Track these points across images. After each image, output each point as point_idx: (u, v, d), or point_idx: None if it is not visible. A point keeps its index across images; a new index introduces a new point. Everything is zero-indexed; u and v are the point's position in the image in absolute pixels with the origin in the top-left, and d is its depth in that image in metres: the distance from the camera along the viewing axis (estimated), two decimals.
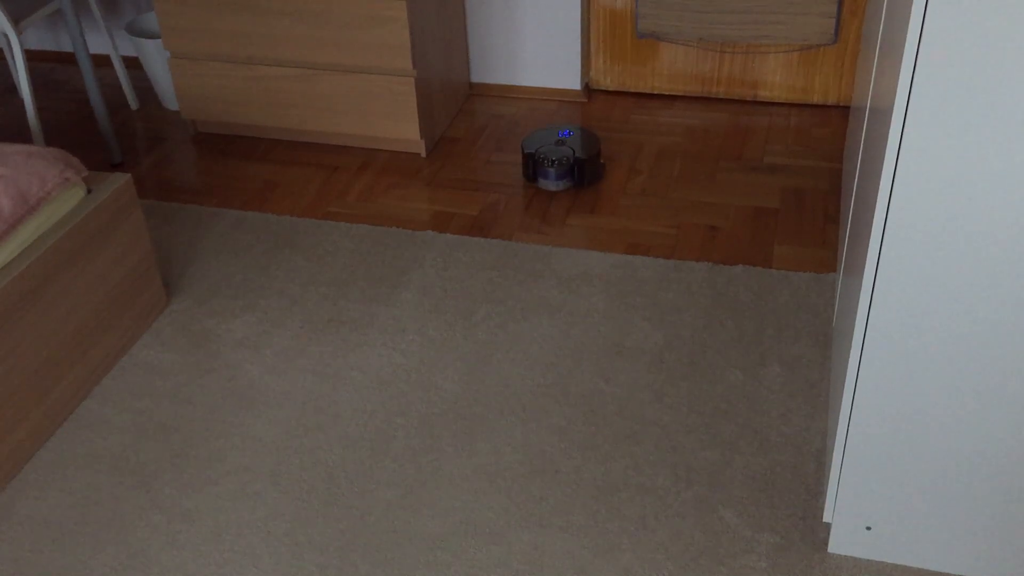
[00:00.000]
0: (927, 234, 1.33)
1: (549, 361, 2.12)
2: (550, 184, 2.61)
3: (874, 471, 1.57)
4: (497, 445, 1.93)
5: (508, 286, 2.35)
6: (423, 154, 2.92)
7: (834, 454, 1.59)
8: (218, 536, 1.77)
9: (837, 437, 1.57)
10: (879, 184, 1.34)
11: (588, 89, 3.21)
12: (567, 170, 2.59)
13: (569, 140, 2.66)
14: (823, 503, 1.76)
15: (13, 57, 3.22)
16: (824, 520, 1.67)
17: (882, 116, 1.46)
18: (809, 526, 1.73)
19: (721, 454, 1.88)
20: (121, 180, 2.12)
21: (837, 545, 1.67)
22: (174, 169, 2.93)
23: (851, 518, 1.63)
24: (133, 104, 3.28)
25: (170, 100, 3.25)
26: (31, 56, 3.68)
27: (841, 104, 3.05)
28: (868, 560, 1.67)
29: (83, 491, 1.88)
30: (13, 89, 3.45)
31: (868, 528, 1.63)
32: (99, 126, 2.92)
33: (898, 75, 1.26)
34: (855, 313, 1.47)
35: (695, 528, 1.74)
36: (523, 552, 1.72)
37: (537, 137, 2.70)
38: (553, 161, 2.58)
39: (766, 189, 2.68)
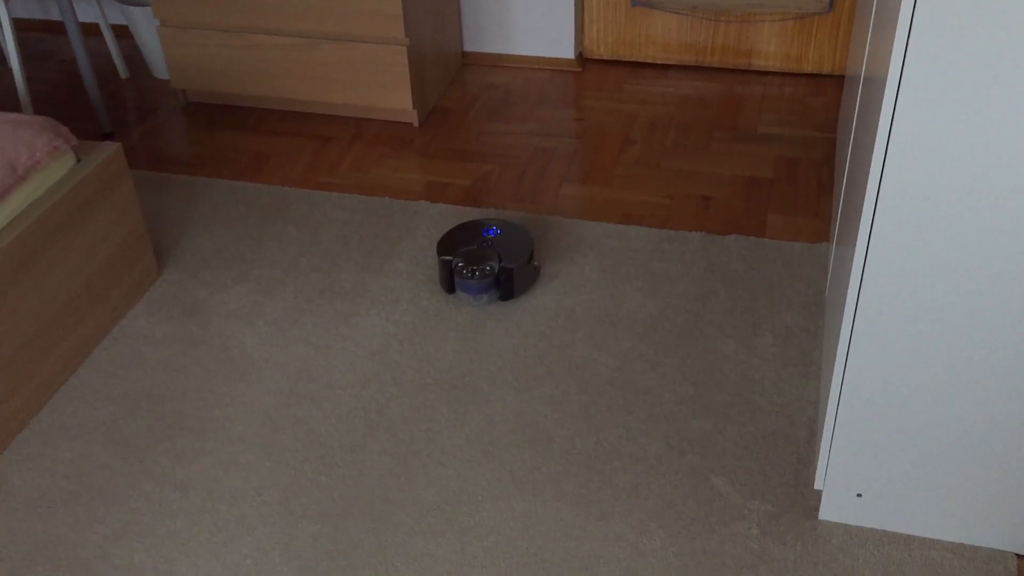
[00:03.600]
0: (920, 204, 1.33)
1: (542, 331, 2.12)
2: (470, 298, 2.18)
3: (865, 439, 1.58)
4: (490, 414, 1.93)
5: None
6: (416, 124, 2.90)
7: (826, 422, 1.60)
8: (212, 505, 1.78)
9: (829, 405, 1.57)
10: (872, 154, 1.33)
11: (582, 58, 3.19)
12: (491, 282, 2.17)
13: (495, 241, 2.22)
14: (814, 471, 1.77)
15: (1, 27, 3.18)
16: (815, 487, 1.68)
17: (876, 86, 1.45)
18: (800, 493, 1.74)
19: (713, 423, 1.89)
20: (111, 149, 2.11)
21: (828, 512, 1.68)
22: (164, 139, 2.91)
23: (842, 485, 1.64)
24: (123, 73, 3.26)
25: (160, 69, 3.22)
26: (19, 25, 3.64)
27: (836, 73, 3.04)
28: (859, 527, 1.68)
29: (76, 461, 1.88)
30: (1, 59, 3.41)
31: (859, 495, 1.64)
32: (88, 96, 2.90)
33: (892, 44, 1.25)
34: (848, 283, 1.47)
35: (687, 496, 1.75)
36: (516, 520, 1.73)
37: (457, 238, 2.25)
38: (474, 271, 2.15)
39: (760, 159, 2.67)
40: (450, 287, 2.21)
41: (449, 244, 2.23)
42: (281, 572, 1.66)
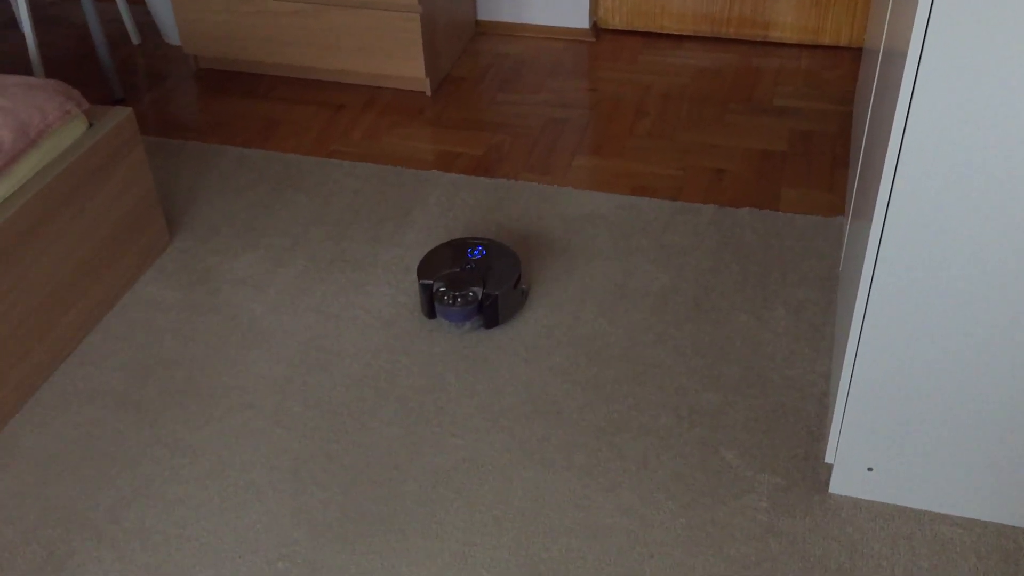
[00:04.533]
0: (938, 180, 1.31)
1: (553, 302, 2.11)
2: (452, 325, 2.05)
3: (877, 412, 1.57)
4: (499, 385, 1.93)
5: (513, 227, 2.33)
6: (428, 93, 2.88)
7: (838, 395, 1.59)
8: (222, 471, 1.78)
9: (842, 378, 1.56)
10: (891, 128, 1.31)
11: (596, 28, 3.16)
12: (474, 309, 2.01)
13: (479, 264, 2.05)
14: (825, 445, 1.76)
15: None
16: (826, 461, 1.67)
17: (896, 59, 1.43)
18: (811, 467, 1.74)
19: (724, 396, 1.88)
20: (123, 114, 2.10)
21: (838, 486, 1.68)
22: (176, 106, 2.89)
23: (853, 459, 1.64)
24: (135, 39, 3.24)
25: (172, 35, 3.20)
26: None
27: (853, 46, 3.00)
28: (869, 500, 1.67)
29: (86, 425, 1.88)
30: (13, 24, 3.40)
31: (869, 469, 1.64)
32: (100, 62, 2.88)
33: (914, 17, 1.23)
34: (863, 257, 1.46)
35: (696, 468, 1.75)
36: (524, 490, 1.73)
37: (439, 259, 2.08)
38: (456, 297, 1.99)
39: (775, 132, 2.65)
40: (431, 312, 2.06)
41: (430, 266, 2.07)
42: (291, 538, 1.66)
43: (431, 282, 2.03)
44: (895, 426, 1.58)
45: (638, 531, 1.65)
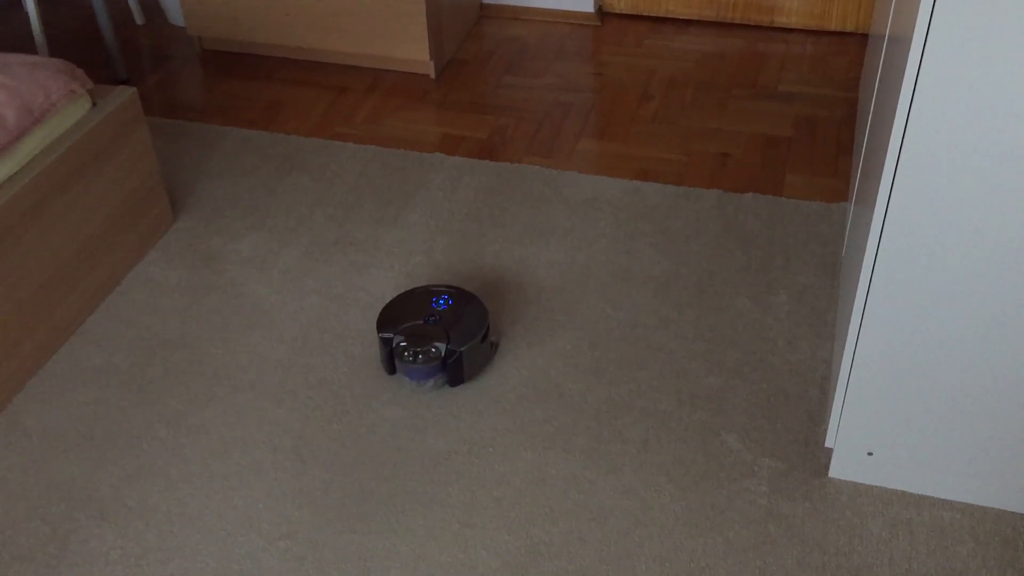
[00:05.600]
0: (941, 166, 1.31)
1: (555, 285, 2.11)
2: (413, 384, 1.88)
3: (878, 397, 1.57)
4: (502, 367, 1.93)
5: (516, 210, 2.33)
6: (432, 76, 2.88)
7: (838, 380, 1.59)
8: (224, 451, 1.79)
9: (843, 363, 1.57)
10: (895, 115, 1.31)
11: (601, 12, 3.15)
12: (437, 366, 1.85)
13: (444, 315, 1.88)
14: (825, 429, 1.77)
15: None
16: (826, 445, 1.68)
17: (901, 45, 1.43)
18: (811, 452, 1.74)
19: (725, 380, 1.89)
20: (127, 94, 2.10)
21: (838, 470, 1.69)
22: (179, 87, 2.89)
23: (853, 443, 1.64)
24: (139, 19, 3.23)
25: (176, 16, 3.19)
26: None
27: (859, 32, 2.99)
28: (868, 485, 1.68)
29: (90, 404, 1.89)
30: (18, 3, 3.39)
31: (870, 454, 1.64)
32: (104, 42, 2.88)
33: (919, 3, 1.22)
34: (866, 243, 1.46)
35: (697, 452, 1.76)
36: (525, 471, 1.73)
37: (401, 309, 1.91)
38: (417, 354, 1.83)
39: (779, 117, 2.64)
40: (391, 368, 1.90)
41: (391, 317, 1.90)
42: (293, 517, 1.67)
43: (391, 335, 1.86)
44: (895, 411, 1.58)
45: (638, 513, 1.66)
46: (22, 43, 3.15)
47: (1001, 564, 1.56)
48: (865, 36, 2.99)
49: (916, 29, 1.22)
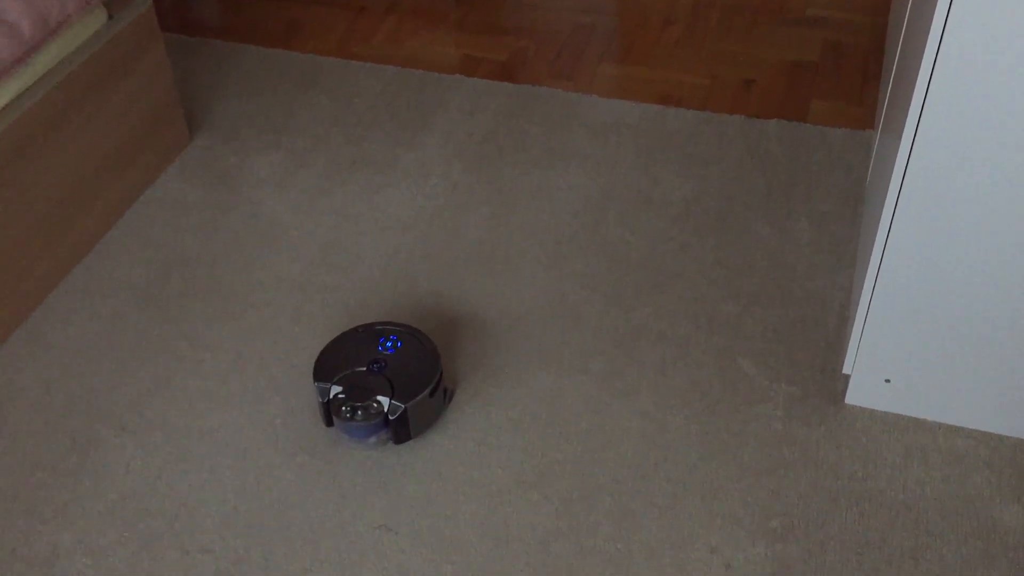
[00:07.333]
0: (972, 93, 1.28)
1: (574, 209, 2.10)
2: (354, 441, 1.64)
3: (897, 325, 1.56)
4: (519, 289, 1.93)
5: (535, 133, 2.30)
6: None
7: (859, 306, 1.58)
8: (241, 366, 1.80)
9: (864, 289, 1.55)
10: (927, 40, 1.28)
11: None
12: (380, 423, 1.59)
13: (391, 361, 1.62)
14: (842, 357, 1.76)
15: None
16: (843, 372, 1.67)
17: None
18: (827, 378, 1.74)
19: (743, 306, 1.88)
20: (144, 6, 2.06)
21: (854, 397, 1.68)
22: (197, 3, 2.85)
23: (870, 370, 1.63)
24: None
25: None
26: None
27: None
28: (884, 412, 1.68)
29: (108, 319, 1.90)
30: None
31: (887, 381, 1.64)
32: None
33: None
34: (891, 171, 1.43)
35: (713, 376, 1.75)
36: (541, 394, 1.74)
37: (342, 352, 1.65)
38: (356, 409, 1.58)
39: (806, 42, 2.58)
40: (328, 420, 1.64)
41: (329, 362, 1.64)
42: (310, 434, 1.69)
43: (328, 385, 1.62)
44: (914, 339, 1.57)
45: (654, 435, 1.66)
46: None
47: (1016, 492, 1.56)
48: None
49: None
